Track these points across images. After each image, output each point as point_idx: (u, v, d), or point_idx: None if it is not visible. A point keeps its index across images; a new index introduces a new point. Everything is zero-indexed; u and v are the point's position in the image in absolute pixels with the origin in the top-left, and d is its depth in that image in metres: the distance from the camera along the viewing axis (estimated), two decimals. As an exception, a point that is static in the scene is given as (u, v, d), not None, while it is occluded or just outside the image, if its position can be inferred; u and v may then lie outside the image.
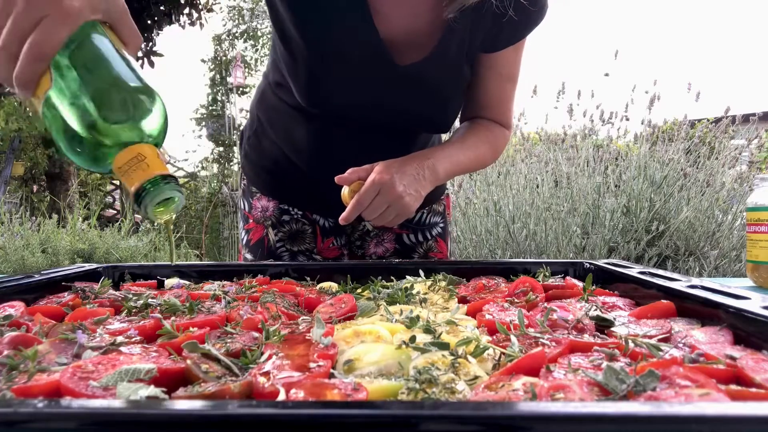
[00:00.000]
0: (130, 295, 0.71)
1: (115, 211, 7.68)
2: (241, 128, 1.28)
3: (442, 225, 1.25)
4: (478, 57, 1.04)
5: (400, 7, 0.94)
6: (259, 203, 1.18)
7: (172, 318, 0.59)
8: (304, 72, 0.96)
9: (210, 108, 8.02)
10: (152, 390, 0.37)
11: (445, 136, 1.29)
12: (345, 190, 0.93)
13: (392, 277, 0.87)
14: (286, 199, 1.17)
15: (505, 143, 1.13)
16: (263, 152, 1.17)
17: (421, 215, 1.22)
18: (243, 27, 8.14)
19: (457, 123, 1.16)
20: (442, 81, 1.01)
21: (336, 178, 0.92)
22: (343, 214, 0.92)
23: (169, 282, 0.87)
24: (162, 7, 6.20)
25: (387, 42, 0.95)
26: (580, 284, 0.76)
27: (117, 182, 7.79)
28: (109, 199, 7.74)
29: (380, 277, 0.87)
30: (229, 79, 7.85)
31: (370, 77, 0.97)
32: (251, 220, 1.19)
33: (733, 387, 0.38)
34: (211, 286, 0.81)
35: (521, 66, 1.09)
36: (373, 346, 0.49)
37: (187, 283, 0.86)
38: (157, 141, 0.59)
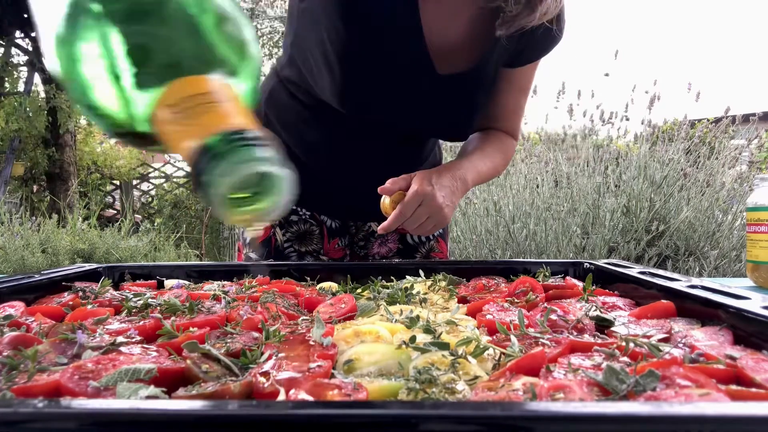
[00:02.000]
0: (130, 295, 0.71)
1: (115, 211, 7.68)
2: None
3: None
4: (499, 71, 1.05)
5: (447, 19, 0.95)
6: None
7: (172, 318, 0.59)
8: (343, 74, 0.95)
9: (210, 108, 8.00)
10: (152, 390, 0.37)
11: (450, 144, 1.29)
12: (386, 200, 0.94)
13: (392, 277, 0.87)
14: (293, 198, 1.17)
15: (513, 153, 1.16)
16: None
17: None
18: (243, 27, 8.12)
19: None
20: (477, 93, 1.03)
21: (379, 189, 0.93)
22: (384, 224, 0.93)
23: (169, 282, 0.87)
24: (162, 7, 6.19)
25: (431, 50, 0.96)
26: (580, 284, 0.76)
27: (117, 182, 7.77)
28: (109, 199, 7.74)
29: (380, 277, 0.87)
30: (229, 79, 7.84)
31: (409, 83, 0.98)
32: None
33: (733, 387, 0.38)
34: (211, 286, 0.81)
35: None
36: (373, 346, 0.49)
37: (187, 283, 0.86)
38: (246, 84, 0.40)
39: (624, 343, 0.47)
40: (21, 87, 6.80)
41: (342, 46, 0.93)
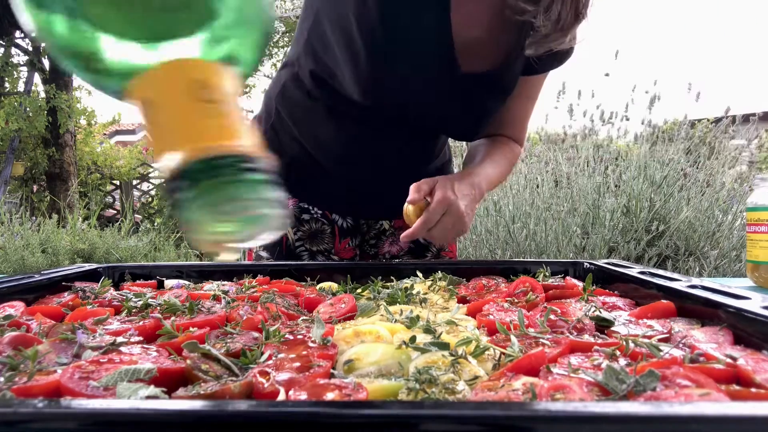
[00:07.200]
0: (130, 296, 0.71)
1: (115, 211, 7.68)
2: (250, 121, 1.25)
3: None
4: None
5: (475, 18, 0.95)
6: None
7: (172, 318, 0.59)
8: (367, 60, 0.94)
9: (210, 108, 7.99)
10: (152, 390, 0.37)
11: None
12: (409, 208, 0.94)
13: (392, 277, 0.87)
14: (305, 197, 1.16)
15: (518, 160, 1.17)
16: (282, 148, 1.14)
17: None
18: (243, 27, 8.12)
19: None
20: (495, 95, 1.03)
21: (408, 200, 0.93)
22: (409, 231, 0.92)
23: (169, 282, 0.87)
24: (162, 7, 6.18)
25: (456, 46, 0.96)
26: (580, 284, 0.76)
27: (117, 182, 7.77)
28: (109, 199, 7.74)
29: (380, 277, 0.87)
30: (229, 79, 7.83)
31: (430, 76, 0.97)
32: None
33: (733, 387, 0.38)
34: (211, 286, 0.81)
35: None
36: (373, 346, 0.49)
37: (187, 283, 0.86)
38: (248, 64, 0.32)
39: (624, 343, 0.47)
40: (21, 87, 6.81)
41: (369, 30, 0.91)
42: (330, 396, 0.37)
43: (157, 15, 0.27)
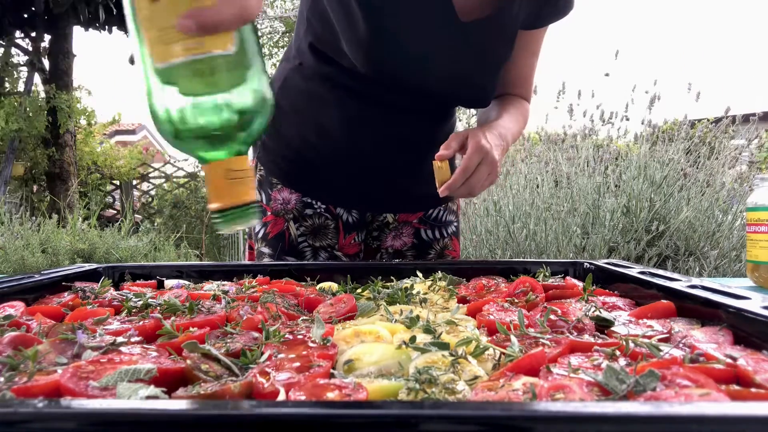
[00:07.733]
0: (130, 296, 0.71)
1: (115, 211, 7.68)
2: None
3: (456, 224, 1.26)
4: (517, 27, 1.07)
5: None
6: (280, 195, 1.14)
7: (172, 318, 0.59)
8: (367, 27, 0.94)
9: (210, 108, 7.99)
10: (152, 390, 0.37)
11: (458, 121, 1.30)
12: (442, 165, 0.94)
13: (392, 277, 0.87)
14: (309, 191, 1.14)
15: (528, 116, 1.18)
16: (282, 141, 1.14)
17: (438, 212, 1.22)
18: (243, 27, 8.12)
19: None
20: (498, 44, 1.03)
21: (436, 156, 0.93)
22: (449, 182, 0.92)
23: (169, 282, 0.87)
24: (162, 7, 6.19)
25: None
26: (580, 284, 0.76)
27: (117, 182, 7.78)
28: (109, 199, 7.74)
29: (380, 277, 0.87)
30: (229, 79, 7.83)
31: (431, 33, 0.97)
32: (269, 212, 1.15)
33: (733, 387, 0.38)
34: (211, 286, 0.81)
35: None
36: (373, 346, 0.49)
37: (187, 283, 0.86)
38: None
39: (624, 343, 0.47)
40: (21, 87, 6.81)
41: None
42: (330, 396, 0.37)
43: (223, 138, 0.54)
